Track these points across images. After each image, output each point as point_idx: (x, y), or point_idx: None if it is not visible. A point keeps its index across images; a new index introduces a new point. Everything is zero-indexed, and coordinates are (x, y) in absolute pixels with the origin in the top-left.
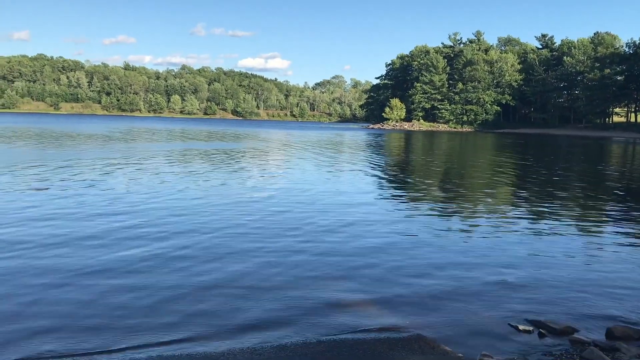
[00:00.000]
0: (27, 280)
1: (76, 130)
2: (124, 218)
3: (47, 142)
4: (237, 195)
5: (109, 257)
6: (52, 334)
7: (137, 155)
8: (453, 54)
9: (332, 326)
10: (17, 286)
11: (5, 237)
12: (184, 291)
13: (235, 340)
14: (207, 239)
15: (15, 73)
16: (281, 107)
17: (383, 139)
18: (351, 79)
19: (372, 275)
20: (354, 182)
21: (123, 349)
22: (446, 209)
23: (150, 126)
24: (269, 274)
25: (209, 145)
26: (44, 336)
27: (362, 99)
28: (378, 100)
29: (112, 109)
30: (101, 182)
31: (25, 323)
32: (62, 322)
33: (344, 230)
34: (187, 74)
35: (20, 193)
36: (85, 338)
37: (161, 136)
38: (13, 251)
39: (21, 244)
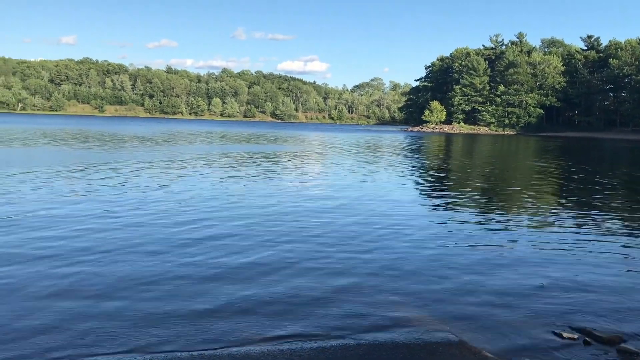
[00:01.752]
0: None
1: (125, 132)
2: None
3: (105, 143)
4: (282, 200)
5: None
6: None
7: (191, 157)
8: (494, 56)
9: (371, 329)
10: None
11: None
12: (232, 295)
13: (275, 341)
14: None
15: (63, 76)
16: (319, 109)
17: (422, 142)
18: (390, 82)
19: (410, 280)
20: (392, 186)
21: (167, 350)
22: (486, 213)
23: (193, 129)
24: (309, 278)
25: (251, 148)
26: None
27: (401, 101)
28: (417, 103)
29: (154, 112)
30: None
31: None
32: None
33: (382, 234)
34: (227, 77)
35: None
36: (137, 338)
37: (204, 139)
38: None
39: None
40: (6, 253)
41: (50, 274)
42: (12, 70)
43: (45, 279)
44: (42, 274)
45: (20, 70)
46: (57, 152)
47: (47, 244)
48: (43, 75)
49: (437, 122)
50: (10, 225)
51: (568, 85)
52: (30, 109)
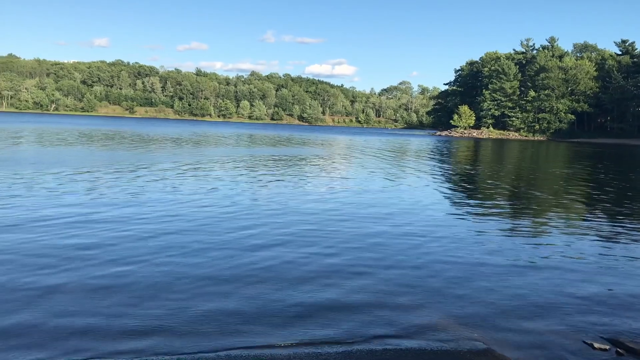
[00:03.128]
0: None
1: (159, 133)
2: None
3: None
4: (305, 203)
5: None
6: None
7: (227, 159)
8: (525, 61)
9: (398, 335)
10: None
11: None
12: (263, 297)
13: (301, 343)
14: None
15: (95, 78)
16: (347, 113)
17: (451, 147)
18: (418, 85)
19: (439, 287)
20: (420, 192)
21: (193, 351)
22: (516, 220)
23: (222, 131)
24: (334, 282)
25: (283, 151)
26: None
27: (430, 105)
28: (446, 107)
29: (183, 114)
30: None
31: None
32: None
33: (409, 240)
34: (255, 80)
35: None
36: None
37: (235, 142)
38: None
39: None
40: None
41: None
42: (47, 72)
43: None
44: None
45: (54, 71)
46: (102, 152)
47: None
48: (76, 76)
49: (466, 126)
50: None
51: (600, 91)
52: (63, 109)
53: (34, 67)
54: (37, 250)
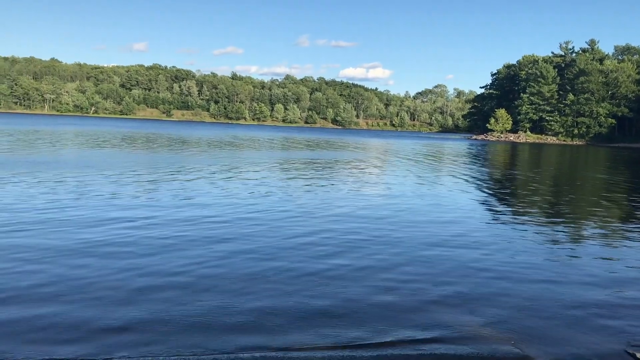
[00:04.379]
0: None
1: (199, 136)
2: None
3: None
4: (339, 208)
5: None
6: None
7: (267, 162)
8: (564, 64)
9: (433, 340)
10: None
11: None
12: (302, 300)
13: (334, 344)
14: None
15: (133, 81)
16: (381, 116)
17: (487, 151)
18: (454, 89)
19: (474, 292)
20: (457, 197)
21: (231, 351)
22: (554, 225)
23: (258, 134)
24: (370, 286)
25: (317, 155)
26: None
27: (465, 109)
28: (482, 111)
29: (219, 117)
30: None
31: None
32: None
33: (445, 244)
34: (290, 83)
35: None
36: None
37: (276, 145)
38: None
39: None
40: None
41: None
42: (87, 76)
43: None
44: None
45: (94, 75)
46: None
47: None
48: (115, 80)
49: (503, 130)
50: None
51: None
52: (102, 112)
53: (74, 71)
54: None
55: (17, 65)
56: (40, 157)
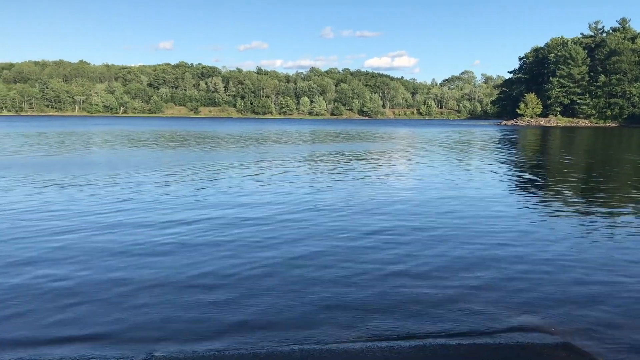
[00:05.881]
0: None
1: (230, 133)
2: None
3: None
4: (371, 198)
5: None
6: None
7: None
8: (594, 44)
9: (473, 330)
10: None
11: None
12: (340, 292)
13: (372, 337)
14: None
15: (160, 80)
16: (407, 105)
17: (518, 136)
18: (482, 74)
19: (513, 281)
20: (492, 185)
21: (267, 345)
22: (589, 212)
23: (286, 128)
24: (411, 277)
25: (345, 147)
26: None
27: (494, 94)
28: (511, 96)
29: (245, 112)
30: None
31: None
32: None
33: (484, 233)
34: (315, 76)
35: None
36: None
37: (306, 138)
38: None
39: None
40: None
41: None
42: (115, 76)
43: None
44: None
45: (122, 75)
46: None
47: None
48: (142, 79)
49: (532, 115)
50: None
51: None
52: (131, 111)
53: (103, 72)
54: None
55: (47, 68)
56: (88, 158)
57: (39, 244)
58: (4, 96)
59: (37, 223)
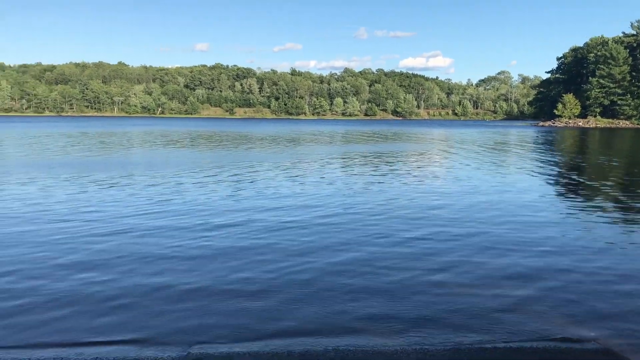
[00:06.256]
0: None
1: (266, 133)
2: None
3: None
4: (408, 201)
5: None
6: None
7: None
8: (636, 43)
9: (510, 333)
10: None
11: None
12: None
13: (404, 339)
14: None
15: (197, 81)
16: (442, 105)
17: (556, 138)
18: (518, 75)
19: (554, 286)
20: (524, 188)
21: (302, 341)
22: (635, 220)
23: (323, 128)
24: (451, 278)
25: (380, 148)
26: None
27: (531, 95)
28: (548, 96)
29: (279, 113)
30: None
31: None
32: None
33: (520, 237)
34: (349, 76)
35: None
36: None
37: (341, 139)
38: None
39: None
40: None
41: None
42: (153, 77)
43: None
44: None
45: (160, 76)
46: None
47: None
48: (179, 81)
49: (571, 116)
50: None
51: None
52: (168, 112)
53: (141, 73)
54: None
55: (87, 70)
56: (129, 158)
57: (80, 245)
58: (46, 97)
59: (79, 224)
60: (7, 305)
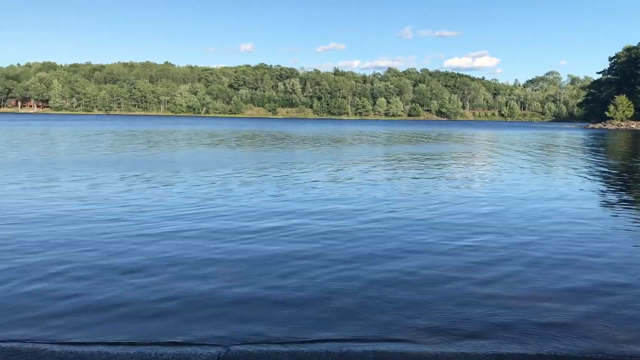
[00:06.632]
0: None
1: (309, 132)
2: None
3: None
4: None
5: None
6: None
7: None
8: None
9: (557, 341)
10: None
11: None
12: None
13: (451, 344)
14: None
15: (240, 81)
16: (488, 106)
17: (607, 141)
18: (568, 75)
19: (610, 300)
20: (576, 194)
21: (342, 341)
22: None
23: (365, 129)
24: (502, 285)
25: (426, 149)
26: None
27: (581, 96)
28: (599, 98)
29: (322, 113)
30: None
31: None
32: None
33: (571, 247)
34: (392, 76)
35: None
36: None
37: (385, 139)
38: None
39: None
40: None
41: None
42: (198, 77)
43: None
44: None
45: (205, 76)
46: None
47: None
48: (224, 81)
49: (623, 118)
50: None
51: None
52: (213, 112)
53: (186, 73)
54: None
55: (135, 69)
56: (177, 157)
57: (128, 247)
58: (95, 96)
59: (126, 225)
60: (58, 305)
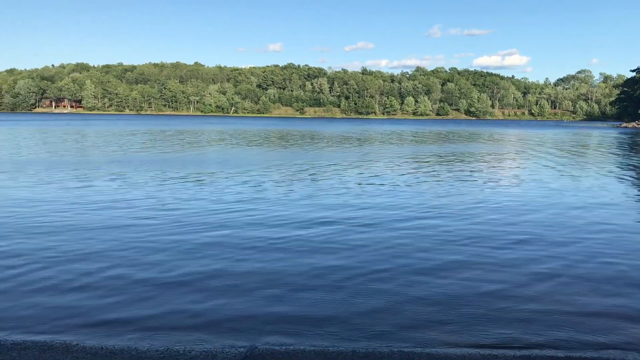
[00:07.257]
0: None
1: (337, 132)
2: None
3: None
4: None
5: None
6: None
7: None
8: None
9: (585, 344)
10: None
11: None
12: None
13: (470, 343)
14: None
15: (269, 81)
16: (518, 105)
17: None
18: (600, 74)
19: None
20: (612, 195)
21: (364, 344)
22: None
23: (395, 128)
24: (523, 286)
25: (456, 148)
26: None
27: (613, 94)
28: (633, 96)
29: (349, 112)
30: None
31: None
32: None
33: (597, 247)
34: (420, 75)
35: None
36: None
37: (415, 139)
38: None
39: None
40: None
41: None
42: (227, 77)
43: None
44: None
45: (233, 76)
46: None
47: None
48: (252, 80)
49: None
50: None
51: None
52: (241, 111)
53: (216, 73)
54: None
55: (165, 70)
56: (208, 156)
57: (163, 245)
58: (126, 96)
59: (161, 222)
60: (99, 301)
